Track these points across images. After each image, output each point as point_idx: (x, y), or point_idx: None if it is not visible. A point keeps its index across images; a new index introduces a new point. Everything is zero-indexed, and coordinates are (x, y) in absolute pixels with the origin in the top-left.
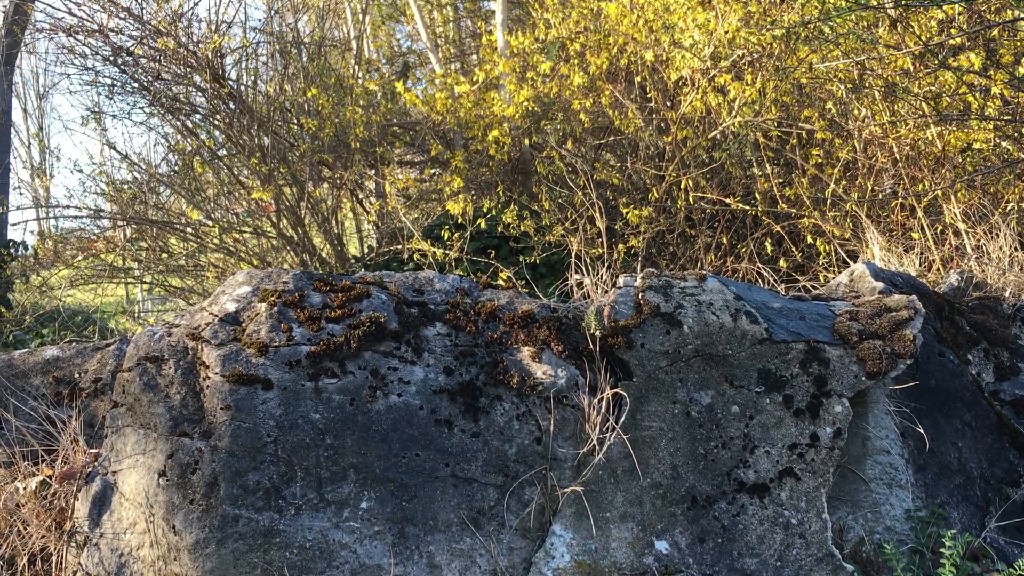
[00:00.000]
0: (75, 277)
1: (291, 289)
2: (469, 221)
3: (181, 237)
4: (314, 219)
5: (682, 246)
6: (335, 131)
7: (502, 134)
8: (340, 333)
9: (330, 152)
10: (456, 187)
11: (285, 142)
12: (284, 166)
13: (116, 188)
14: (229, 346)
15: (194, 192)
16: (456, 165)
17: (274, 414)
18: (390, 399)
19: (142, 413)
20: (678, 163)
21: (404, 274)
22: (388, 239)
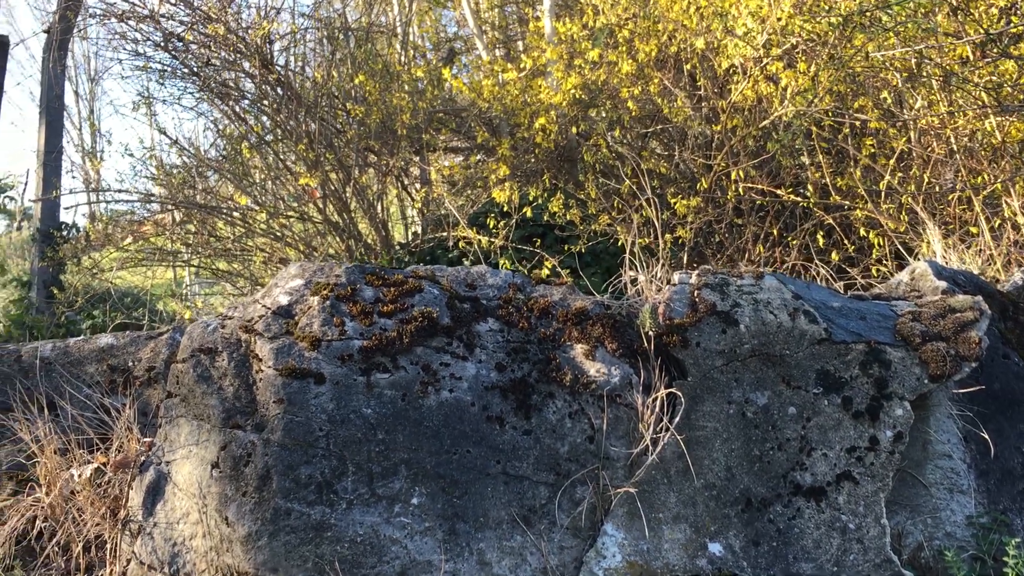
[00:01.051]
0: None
1: (343, 283)
2: (515, 209)
3: (228, 222)
4: (360, 205)
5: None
6: (381, 117)
7: (549, 122)
8: (392, 328)
9: (376, 139)
10: (502, 175)
11: (332, 128)
12: (331, 152)
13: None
14: (282, 340)
15: (242, 177)
16: (502, 153)
17: (326, 408)
18: (442, 395)
19: (196, 404)
20: (727, 152)
21: (456, 268)
22: (433, 226)
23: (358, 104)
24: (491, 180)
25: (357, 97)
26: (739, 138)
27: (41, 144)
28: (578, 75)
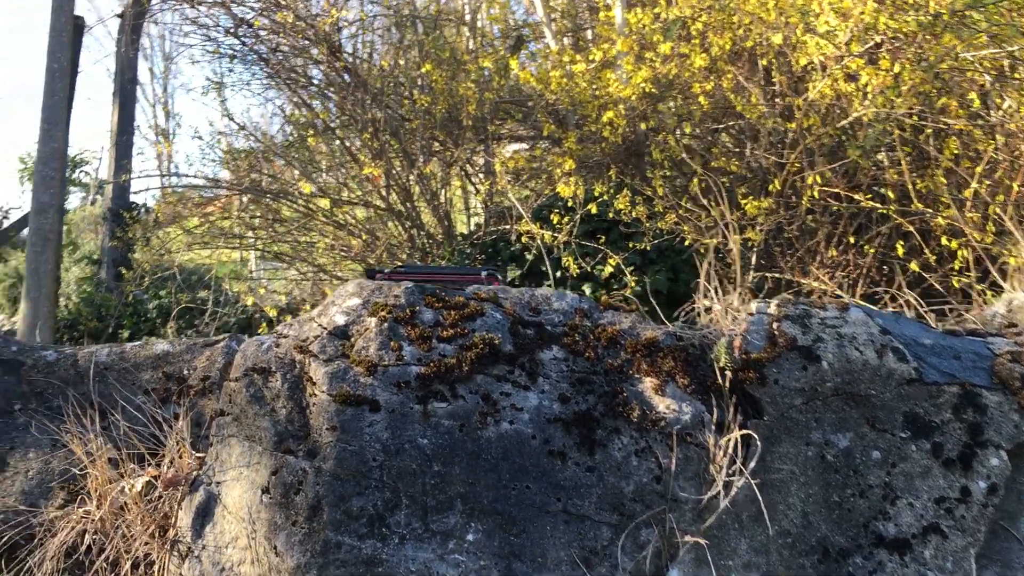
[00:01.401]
0: (192, 241)
1: (402, 304)
2: (579, 204)
3: (293, 209)
4: (423, 194)
5: (800, 237)
6: (447, 107)
7: (617, 116)
8: (452, 354)
9: (442, 128)
10: (567, 169)
11: (397, 116)
12: (396, 141)
13: (233, 157)
14: (337, 363)
15: (306, 163)
16: (568, 147)
17: (381, 437)
18: (501, 426)
19: (247, 425)
20: (801, 151)
21: (521, 291)
22: (496, 218)
23: (424, 93)
24: (556, 174)
25: (423, 86)
26: (814, 137)
27: (114, 125)
28: (648, 68)
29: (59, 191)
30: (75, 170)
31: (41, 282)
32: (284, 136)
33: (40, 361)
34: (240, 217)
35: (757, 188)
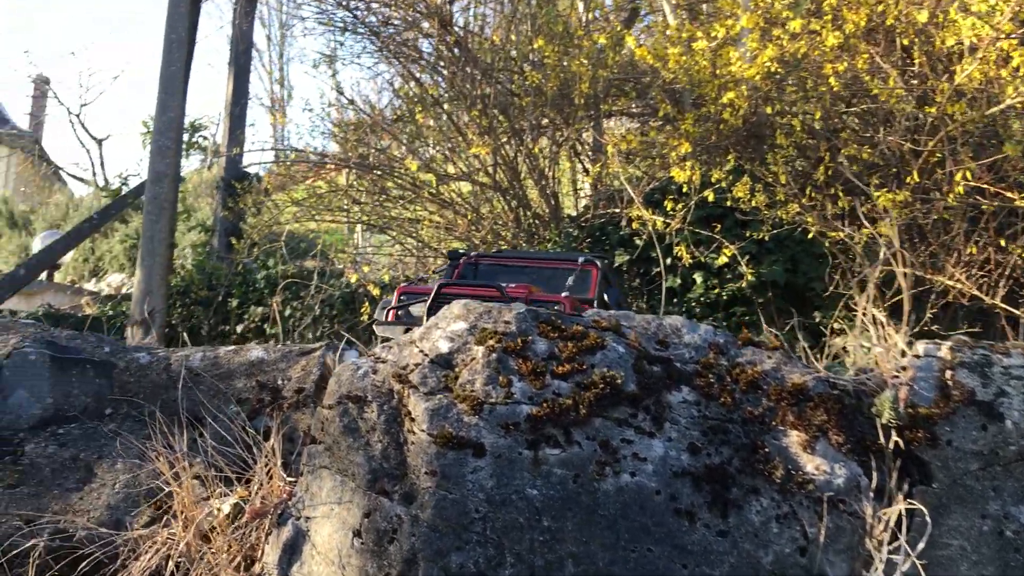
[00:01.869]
0: (299, 212)
1: (513, 332)
2: (694, 190)
3: (399, 186)
4: (531, 174)
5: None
6: (559, 84)
7: (739, 97)
8: (568, 393)
9: (552, 106)
10: (683, 152)
11: (507, 93)
12: (505, 118)
13: (342, 130)
14: (439, 397)
15: (414, 139)
16: (685, 128)
17: (485, 486)
18: (621, 478)
19: (340, 458)
20: (942, 139)
21: (647, 320)
22: (605, 201)
23: (536, 69)
24: (671, 157)
25: (535, 62)
26: (957, 124)
27: (228, 95)
28: (775, 46)
29: (174, 160)
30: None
31: (156, 249)
32: (392, 110)
33: (132, 364)
34: (347, 192)
35: (890, 178)
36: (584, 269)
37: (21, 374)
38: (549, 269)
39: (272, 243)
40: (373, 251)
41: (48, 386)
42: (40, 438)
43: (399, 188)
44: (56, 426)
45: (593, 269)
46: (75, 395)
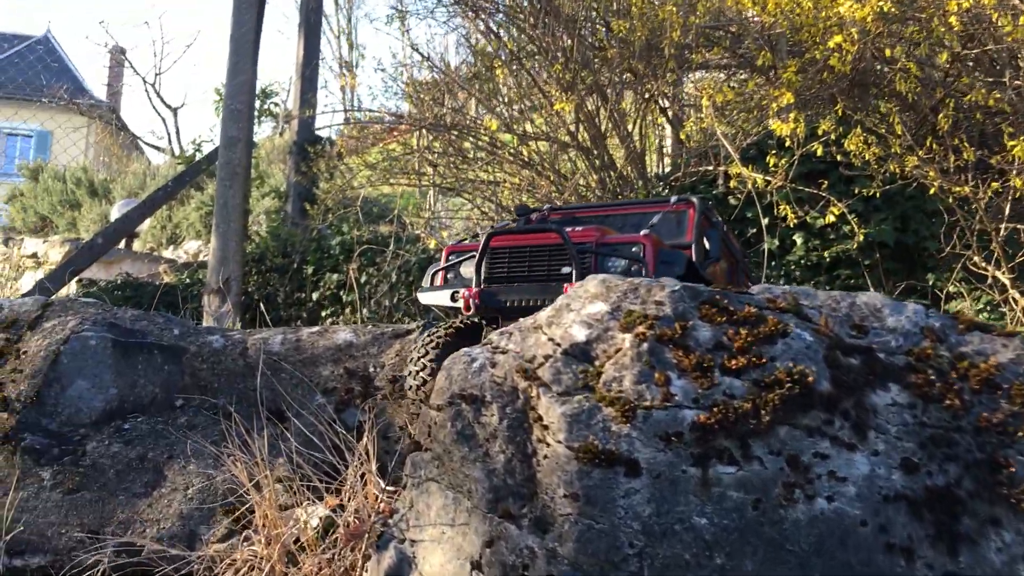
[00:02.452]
0: (373, 176)
1: (668, 315)
2: (798, 143)
3: (476, 146)
4: (616, 132)
5: None
6: (647, 35)
7: (847, 40)
8: (743, 394)
9: (640, 58)
10: (785, 103)
11: (590, 46)
12: (588, 73)
13: (416, 89)
14: (577, 399)
15: (491, 95)
16: (787, 77)
17: (640, 513)
18: (815, 504)
19: (453, 471)
20: None
21: (834, 297)
22: (696, 159)
23: (621, 19)
24: (771, 108)
25: (619, 11)
26: None
27: (299, 58)
28: None
29: (247, 125)
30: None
31: (230, 216)
32: (467, 67)
33: (205, 348)
34: (422, 154)
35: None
36: (678, 210)
37: (81, 362)
38: (636, 215)
39: (346, 208)
40: (450, 215)
41: (111, 375)
42: (103, 435)
43: (476, 148)
44: (120, 420)
45: (689, 209)
46: (141, 385)
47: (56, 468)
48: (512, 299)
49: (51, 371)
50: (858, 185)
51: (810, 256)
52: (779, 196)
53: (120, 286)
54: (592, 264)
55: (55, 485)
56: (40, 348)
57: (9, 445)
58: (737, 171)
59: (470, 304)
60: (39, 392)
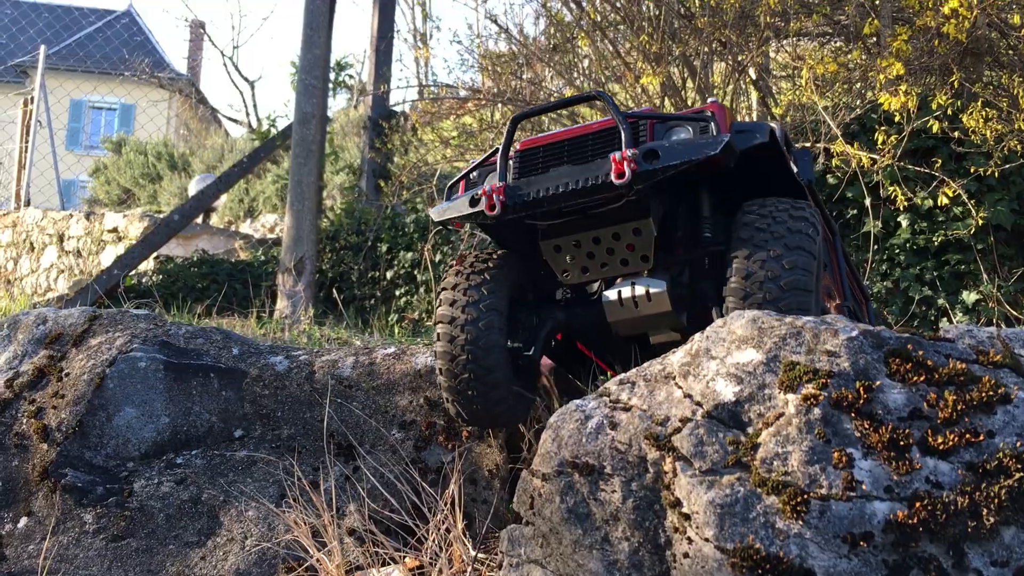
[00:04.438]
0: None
1: (845, 371)
2: (908, 118)
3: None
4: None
5: None
6: (741, 1)
7: (964, 6)
8: (954, 483)
9: (732, 28)
10: (894, 74)
11: (677, 14)
12: (677, 43)
13: (492, 62)
14: (728, 481)
15: (570, 67)
16: (897, 46)
17: None
18: None
19: (562, 556)
20: None
21: None
22: (792, 134)
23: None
24: (879, 80)
25: None
26: None
27: (374, 31)
28: None
29: (321, 100)
30: (340, 73)
31: (304, 193)
32: (547, 38)
33: (267, 371)
34: (500, 128)
35: None
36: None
37: (129, 387)
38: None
39: (422, 185)
40: None
41: (163, 402)
42: (152, 471)
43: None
44: (173, 454)
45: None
46: (196, 413)
47: (100, 510)
48: (546, 187)
49: (96, 397)
50: (971, 163)
51: (916, 240)
52: (884, 175)
53: (196, 263)
54: (648, 133)
55: (98, 530)
56: (84, 370)
57: (48, 482)
58: (840, 148)
59: (494, 202)
60: (82, 421)
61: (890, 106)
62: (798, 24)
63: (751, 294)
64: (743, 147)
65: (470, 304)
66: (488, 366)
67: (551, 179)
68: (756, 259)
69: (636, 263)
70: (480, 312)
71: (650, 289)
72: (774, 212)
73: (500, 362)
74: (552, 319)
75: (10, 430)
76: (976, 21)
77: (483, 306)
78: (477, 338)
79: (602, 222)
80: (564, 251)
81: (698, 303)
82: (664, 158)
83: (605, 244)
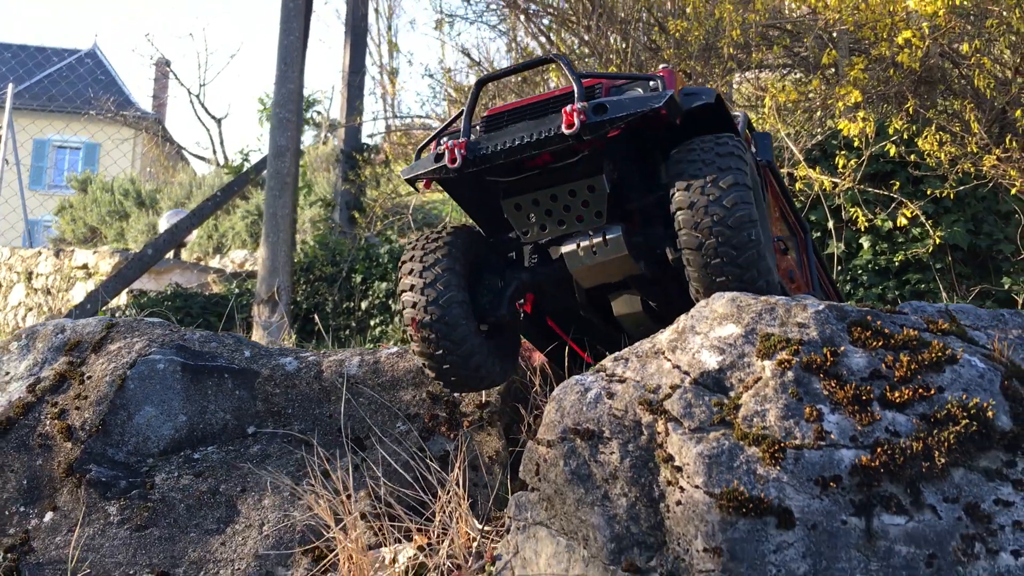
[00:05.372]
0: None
1: (814, 340)
2: (867, 143)
3: None
4: None
5: None
6: (704, 34)
7: (916, 36)
8: (910, 431)
9: (697, 59)
10: (852, 101)
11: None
12: None
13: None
14: (714, 436)
15: None
16: (854, 75)
17: (794, 571)
18: (999, 560)
19: (566, 515)
20: None
21: (1000, 316)
22: None
23: (679, 18)
24: (837, 108)
25: (674, 11)
26: None
27: (345, 65)
28: None
29: (295, 134)
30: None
31: (279, 225)
32: None
33: (277, 372)
34: None
35: None
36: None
37: (149, 387)
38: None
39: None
40: None
41: (180, 401)
42: (172, 466)
43: None
44: (190, 450)
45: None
46: (211, 411)
47: (123, 502)
48: (503, 140)
49: (117, 397)
50: (928, 186)
51: (878, 260)
52: (846, 198)
53: (170, 296)
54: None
55: (122, 521)
56: (105, 372)
57: (73, 478)
58: (803, 173)
59: (456, 156)
60: (104, 420)
61: (849, 132)
62: (759, 55)
63: (699, 223)
64: (689, 106)
65: (426, 268)
66: (451, 322)
67: (509, 134)
68: (695, 187)
69: (591, 220)
70: (437, 274)
71: (607, 235)
72: (701, 145)
73: (462, 317)
74: (517, 279)
75: (33, 431)
76: (929, 51)
77: (439, 268)
78: (436, 297)
79: (559, 179)
80: (523, 209)
81: (655, 249)
82: (612, 110)
83: (562, 201)
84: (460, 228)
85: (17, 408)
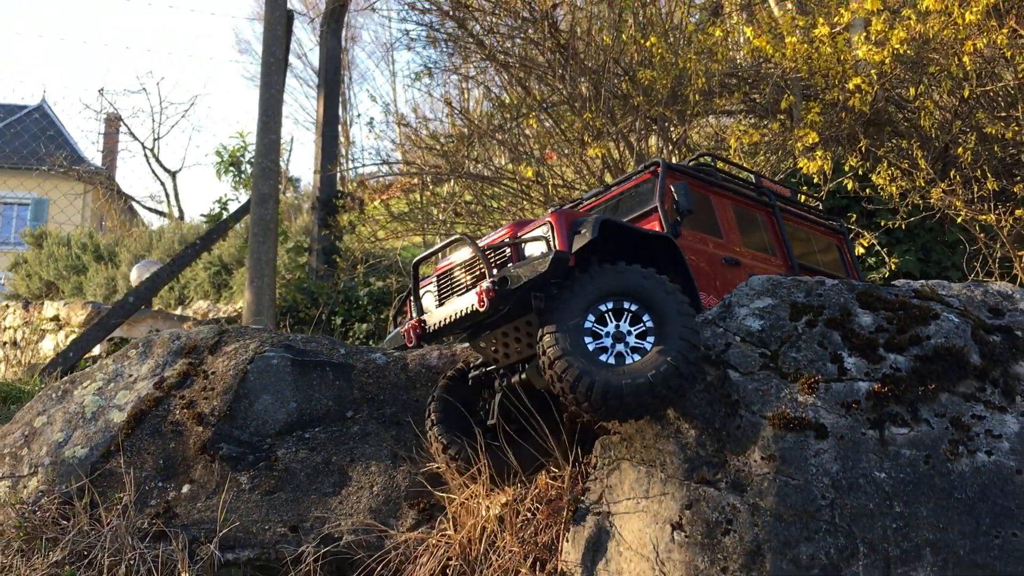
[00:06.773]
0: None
1: (833, 304)
2: (825, 180)
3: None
4: None
5: None
6: (671, 82)
7: (866, 82)
8: (905, 367)
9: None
10: (810, 142)
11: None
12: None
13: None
14: (763, 376)
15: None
16: (811, 119)
17: (829, 470)
18: (976, 458)
19: (643, 448)
20: None
21: (969, 287)
22: None
23: (646, 69)
24: (797, 148)
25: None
26: None
27: (320, 118)
28: (903, 29)
29: (275, 182)
30: None
31: (263, 271)
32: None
33: (370, 365)
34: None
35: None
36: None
37: (265, 379)
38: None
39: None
40: None
41: (291, 390)
42: (289, 443)
43: (507, 194)
44: (302, 430)
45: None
46: (317, 398)
47: (252, 473)
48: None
49: (240, 388)
50: (881, 218)
51: None
52: None
53: None
54: (512, 256)
55: (253, 488)
56: (228, 368)
57: (207, 455)
58: None
59: (412, 337)
60: (231, 407)
61: (809, 170)
62: (722, 101)
63: None
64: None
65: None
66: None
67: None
68: None
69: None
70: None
71: None
72: None
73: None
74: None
75: (165, 420)
76: (877, 95)
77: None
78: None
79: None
80: (487, 346)
81: None
82: (512, 282)
83: (513, 336)
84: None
85: (147, 402)
